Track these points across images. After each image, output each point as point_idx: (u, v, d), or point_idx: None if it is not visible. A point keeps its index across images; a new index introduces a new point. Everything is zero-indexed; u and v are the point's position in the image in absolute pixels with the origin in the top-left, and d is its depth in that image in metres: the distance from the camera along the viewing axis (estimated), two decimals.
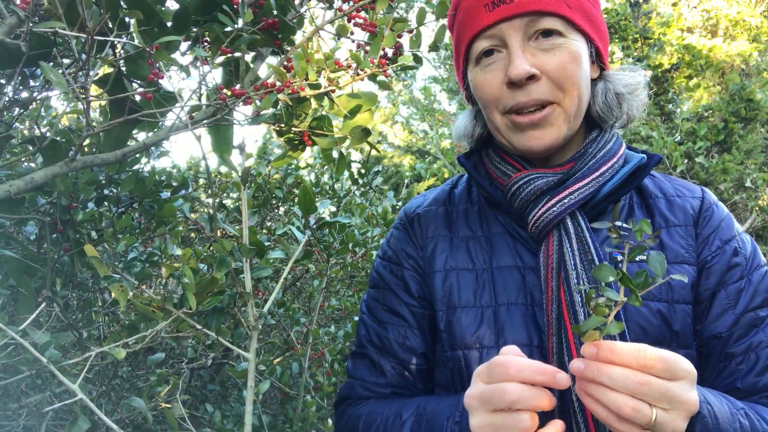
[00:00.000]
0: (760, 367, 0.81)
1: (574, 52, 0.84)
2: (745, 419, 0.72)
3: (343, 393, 0.99)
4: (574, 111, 0.86)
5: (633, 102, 0.93)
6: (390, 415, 0.86)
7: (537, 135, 0.85)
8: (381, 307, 0.98)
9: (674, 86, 4.89)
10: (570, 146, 0.92)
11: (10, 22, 0.90)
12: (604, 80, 0.93)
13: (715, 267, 0.86)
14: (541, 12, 0.83)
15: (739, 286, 0.85)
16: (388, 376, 0.94)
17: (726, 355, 0.83)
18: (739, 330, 0.83)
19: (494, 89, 0.86)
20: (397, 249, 1.00)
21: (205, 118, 1.03)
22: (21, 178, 0.92)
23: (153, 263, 1.44)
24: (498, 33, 0.85)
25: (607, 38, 0.96)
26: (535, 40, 0.84)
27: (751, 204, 4.03)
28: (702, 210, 0.91)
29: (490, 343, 0.86)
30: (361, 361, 0.98)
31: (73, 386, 0.90)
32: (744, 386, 0.81)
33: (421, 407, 0.83)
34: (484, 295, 0.89)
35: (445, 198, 1.03)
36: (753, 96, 4.28)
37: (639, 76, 0.94)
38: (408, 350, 0.93)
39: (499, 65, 0.86)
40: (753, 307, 0.84)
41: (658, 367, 0.62)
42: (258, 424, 1.82)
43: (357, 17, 1.05)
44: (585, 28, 0.86)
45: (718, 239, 0.88)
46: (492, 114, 0.89)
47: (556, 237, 0.85)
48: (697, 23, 6.69)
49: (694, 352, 0.85)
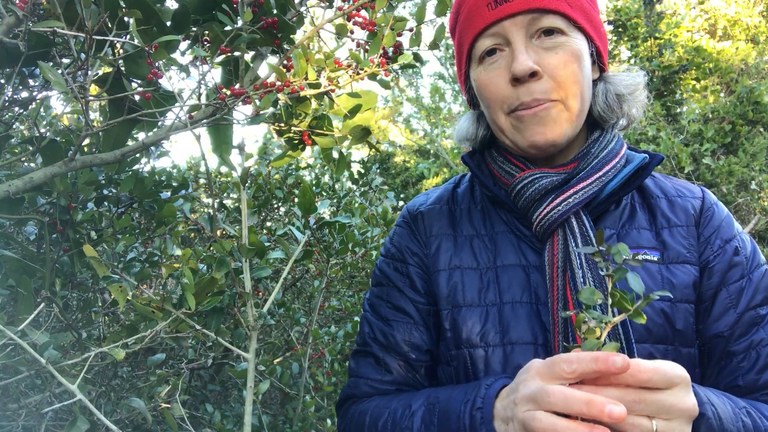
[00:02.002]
0: (761, 364, 0.82)
1: (575, 50, 0.85)
2: (747, 418, 0.72)
3: (347, 392, 0.98)
4: (577, 109, 0.86)
5: (633, 103, 0.93)
6: (399, 407, 0.85)
7: (540, 130, 0.85)
8: (385, 305, 0.98)
9: (682, 87, 4.88)
10: (573, 146, 0.93)
11: (8, 21, 0.89)
12: (604, 81, 0.94)
13: (717, 266, 0.86)
14: (543, 9, 0.84)
15: (740, 285, 0.85)
16: (394, 374, 0.93)
17: (727, 353, 0.83)
18: (740, 328, 0.83)
19: (499, 88, 0.86)
20: (401, 246, 1.00)
21: (205, 117, 1.03)
22: (20, 178, 0.92)
23: (153, 263, 1.44)
24: (501, 31, 0.86)
25: (606, 40, 0.97)
26: (537, 38, 0.85)
27: (754, 206, 4.03)
28: (703, 210, 0.91)
29: (495, 341, 0.86)
30: (366, 359, 0.97)
31: (72, 387, 0.89)
32: (745, 383, 0.81)
33: (432, 396, 0.83)
34: (489, 293, 0.89)
35: (449, 197, 1.03)
36: (760, 99, 4.28)
37: (638, 77, 0.94)
38: (413, 347, 0.93)
39: (503, 63, 0.86)
40: (754, 306, 0.84)
41: (655, 379, 0.62)
42: (258, 424, 1.82)
43: (357, 16, 1.05)
44: (586, 28, 0.87)
45: (719, 239, 0.88)
46: (496, 114, 0.89)
47: (561, 236, 0.86)
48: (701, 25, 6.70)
49: (695, 351, 0.85)
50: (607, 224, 0.90)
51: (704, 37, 6.20)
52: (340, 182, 2.56)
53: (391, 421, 0.84)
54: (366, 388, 0.95)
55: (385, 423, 0.85)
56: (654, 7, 5.14)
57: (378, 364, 0.95)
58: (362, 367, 0.97)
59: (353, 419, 0.92)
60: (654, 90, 4.88)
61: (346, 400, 0.98)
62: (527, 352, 0.84)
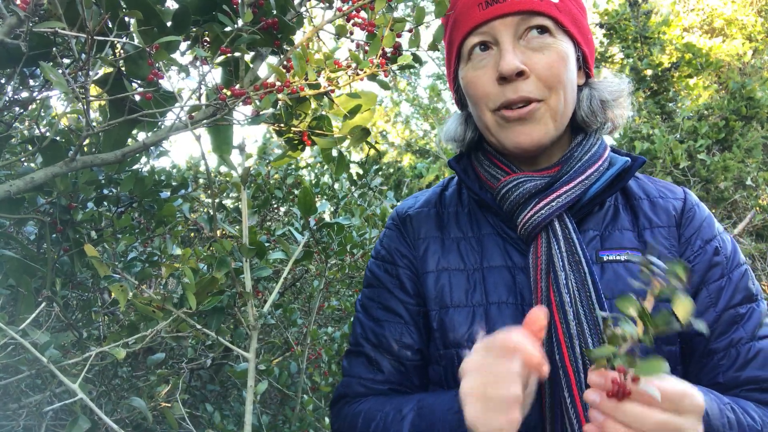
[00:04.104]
0: (741, 362, 0.83)
1: (562, 52, 0.87)
2: (731, 413, 0.74)
3: (340, 391, 0.99)
4: (560, 110, 0.88)
5: (617, 109, 0.96)
6: (390, 411, 0.86)
7: (525, 131, 0.88)
8: (376, 306, 0.99)
9: (674, 85, 4.89)
10: (556, 149, 0.95)
11: (10, 21, 0.90)
12: (589, 87, 0.96)
13: (697, 266, 0.88)
14: (532, 11, 0.86)
15: (720, 285, 0.87)
16: (386, 373, 0.95)
17: (708, 351, 0.85)
18: (720, 327, 0.85)
19: (485, 86, 0.89)
20: (390, 248, 1.01)
21: (205, 118, 1.03)
22: (21, 178, 0.92)
23: (153, 263, 1.45)
24: (490, 30, 0.88)
25: (593, 47, 0.99)
26: (525, 38, 0.87)
27: (751, 203, 4.04)
28: (684, 211, 0.93)
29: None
30: (358, 358, 0.99)
31: (73, 386, 0.90)
32: (725, 380, 0.83)
33: (421, 401, 0.84)
34: (476, 294, 0.91)
35: (436, 200, 1.04)
36: (753, 94, 4.29)
37: (623, 84, 0.97)
38: (404, 347, 0.94)
39: (490, 62, 0.89)
40: (733, 305, 0.86)
41: (672, 401, 0.62)
42: (257, 424, 1.82)
43: (356, 17, 1.06)
44: (573, 32, 0.90)
45: (699, 239, 0.90)
46: (482, 111, 0.91)
47: (545, 239, 0.88)
48: (696, 23, 6.72)
49: (677, 349, 0.87)
50: (591, 226, 0.92)
51: (697, 34, 6.22)
52: (339, 182, 2.57)
53: (382, 424, 0.86)
54: (359, 387, 0.96)
55: (377, 425, 0.86)
56: (639, 7, 5.14)
57: (370, 364, 0.96)
58: (355, 367, 0.98)
59: (346, 420, 0.93)
60: (647, 88, 4.89)
61: (340, 399, 0.99)
62: None
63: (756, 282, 0.91)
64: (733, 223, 4.10)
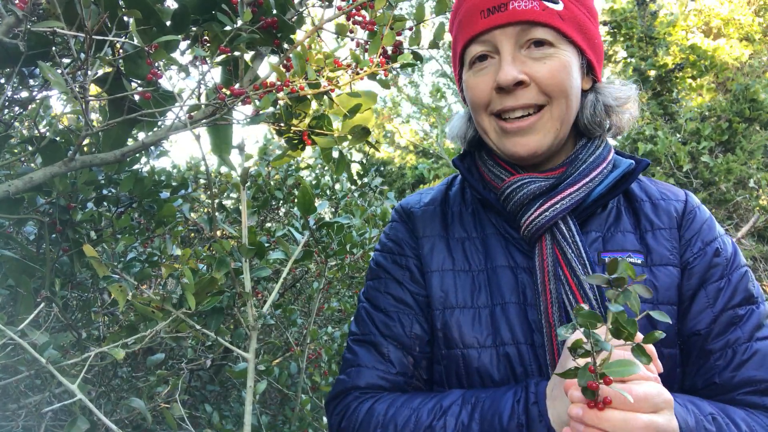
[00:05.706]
0: (737, 362, 0.83)
1: (564, 61, 0.87)
2: (711, 425, 0.74)
3: (347, 384, 0.94)
4: (561, 118, 0.89)
5: (622, 115, 0.96)
6: (423, 406, 0.84)
7: (522, 141, 0.88)
8: (384, 297, 0.97)
9: (678, 86, 4.89)
10: (561, 151, 0.95)
11: (8, 21, 0.90)
12: (595, 92, 0.96)
13: (697, 268, 0.88)
14: (533, 22, 0.86)
15: (719, 286, 0.87)
16: (396, 364, 0.93)
17: (705, 351, 0.85)
18: (717, 327, 0.85)
19: (484, 93, 0.89)
20: (399, 240, 1.01)
21: (205, 117, 1.03)
22: (20, 178, 0.92)
23: (152, 263, 1.44)
24: (491, 39, 0.88)
25: (602, 52, 0.99)
26: (526, 48, 0.88)
27: (753, 204, 4.03)
28: (685, 213, 0.93)
29: (487, 342, 0.88)
30: (367, 348, 0.95)
31: (72, 387, 0.89)
32: (721, 381, 0.83)
33: (468, 395, 0.84)
34: (481, 295, 0.91)
35: (442, 198, 1.05)
36: (756, 96, 4.29)
37: (630, 90, 0.97)
38: (416, 338, 0.94)
39: (491, 70, 0.89)
40: (732, 306, 0.86)
41: (649, 402, 0.63)
42: (257, 424, 1.82)
43: (357, 15, 1.05)
44: (577, 40, 0.89)
45: (700, 241, 0.90)
46: (480, 116, 0.92)
47: (549, 240, 0.89)
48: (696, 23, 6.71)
49: (676, 351, 0.87)
50: (593, 227, 0.92)
51: (698, 35, 6.21)
52: (339, 182, 2.56)
53: (415, 417, 0.83)
54: (372, 378, 0.92)
55: (407, 420, 0.83)
56: (647, 7, 5.14)
57: (380, 354, 0.93)
58: (363, 357, 0.94)
59: (356, 417, 0.88)
60: (650, 89, 4.89)
61: (346, 392, 0.94)
62: (517, 352, 0.86)
63: (757, 284, 0.91)
64: (734, 225, 4.09)
